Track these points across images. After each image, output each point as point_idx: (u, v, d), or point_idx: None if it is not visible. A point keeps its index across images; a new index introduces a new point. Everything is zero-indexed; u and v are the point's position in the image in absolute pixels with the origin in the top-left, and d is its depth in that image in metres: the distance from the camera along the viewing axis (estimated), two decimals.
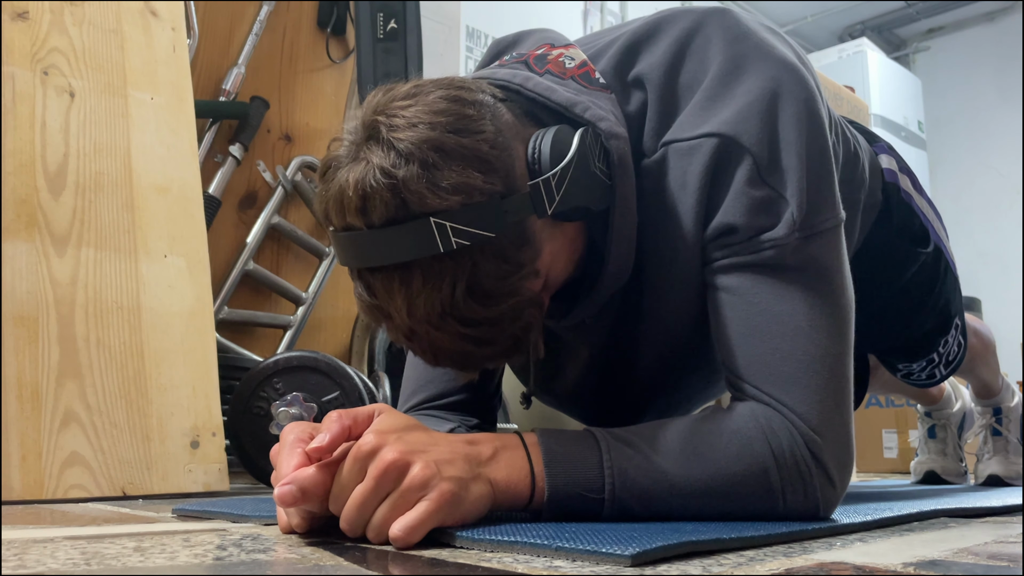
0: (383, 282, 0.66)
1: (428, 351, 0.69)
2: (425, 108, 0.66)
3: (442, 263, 0.64)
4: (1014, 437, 1.56)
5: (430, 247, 0.63)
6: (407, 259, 0.64)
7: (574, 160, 0.70)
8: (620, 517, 0.68)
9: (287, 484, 0.62)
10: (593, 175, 0.72)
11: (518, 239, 0.68)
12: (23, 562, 0.55)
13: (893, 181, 1.04)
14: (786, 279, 0.73)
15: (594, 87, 0.78)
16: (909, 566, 0.55)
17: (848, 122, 1.03)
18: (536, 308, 0.71)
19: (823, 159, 0.75)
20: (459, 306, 0.65)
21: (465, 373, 0.75)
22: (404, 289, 0.65)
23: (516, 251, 0.67)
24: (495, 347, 0.69)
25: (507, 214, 0.66)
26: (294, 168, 2.00)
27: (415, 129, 0.64)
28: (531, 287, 0.70)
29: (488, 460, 0.66)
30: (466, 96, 0.68)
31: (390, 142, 0.64)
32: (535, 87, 0.76)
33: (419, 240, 0.63)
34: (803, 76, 0.77)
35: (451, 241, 0.63)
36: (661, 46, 0.79)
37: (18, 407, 1.14)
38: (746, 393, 0.73)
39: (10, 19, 1.28)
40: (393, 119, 0.65)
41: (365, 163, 0.64)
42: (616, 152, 0.74)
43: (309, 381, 1.45)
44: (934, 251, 1.06)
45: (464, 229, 0.63)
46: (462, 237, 0.63)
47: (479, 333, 0.67)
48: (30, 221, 1.22)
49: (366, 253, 0.65)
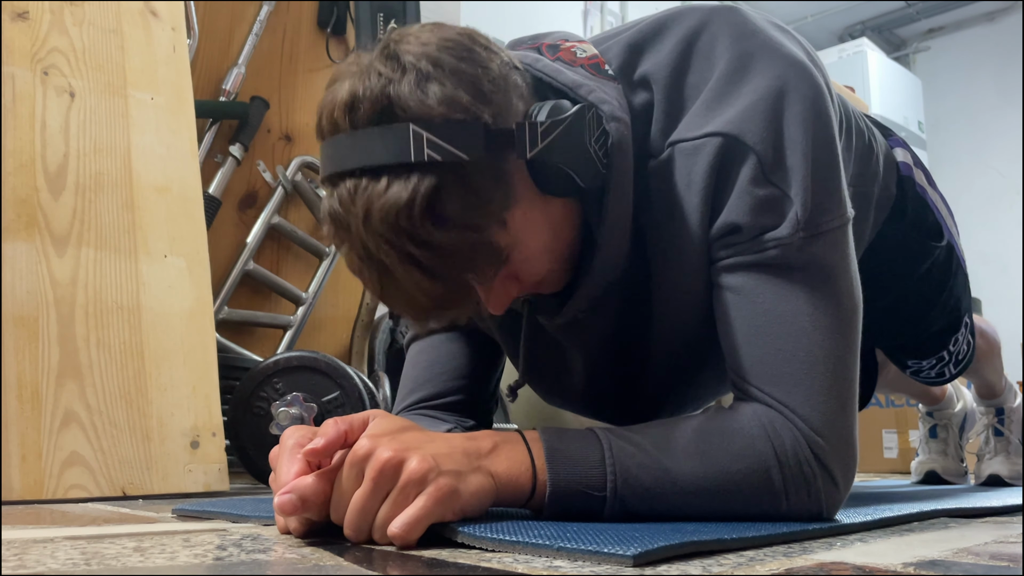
0: (351, 187, 0.66)
1: (377, 278, 0.68)
2: (439, 36, 0.69)
3: (410, 173, 0.64)
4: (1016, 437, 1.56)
5: (403, 153, 0.64)
6: (380, 162, 0.64)
7: (567, 122, 0.70)
8: (622, 515, 0.67)
9: (287, 493, 0.62)
10: (585, 149, 0.72)
11: (491, 173, 0.67)
12: (23, 562, 0.54)
13: (908, 175, 1.03)
14: (790, 279, 0.72)
15: (603, 76, 0.78)
16: (909, 566, 0.55)
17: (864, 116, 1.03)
18: (493, 262, 0.69)
19: (829, 158, 0.75)
20: (415, 221, 0.64)
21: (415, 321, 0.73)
22: (368, 193, 0.65)
23: (486, 185, 0.67)
24: (442, 286, 0.67)
25: (486, 143, 0.66)
26: (294, 168, 2.00)
27: (423, 47, 0.67)
28: (495, 236, 0.68)
29: (488, 453, 0.65)
30: (480, 40, 0.71)
31: (396, 55, 0.67)
32: (544, 67, 0.77)
33: (395, 145, 0.64)
34: (811, 73, 0.76)
35: (424, 152, 0.64)
36: (667, 45, 0.79)
37: (18, 407, 1.14)
38: (749, 394, 0.73)
39: (10, 19, 1.28)
40: (406, 39, 0.68)
41: (367, 74, 0.67)
42: (615, 135, 0.74)
43: (309, 381, 1.45)
44: (946, 247, 1.05)
45: (439, 143, 0.64)
46: (435, 151, 0.64)
47: (429, 261, 0.65)
48: (30, 221, 1.22)
49: (345, 156, 0.66)
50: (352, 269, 0.70)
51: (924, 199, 1.04)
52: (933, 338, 1.11)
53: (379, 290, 0.70)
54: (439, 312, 0.71)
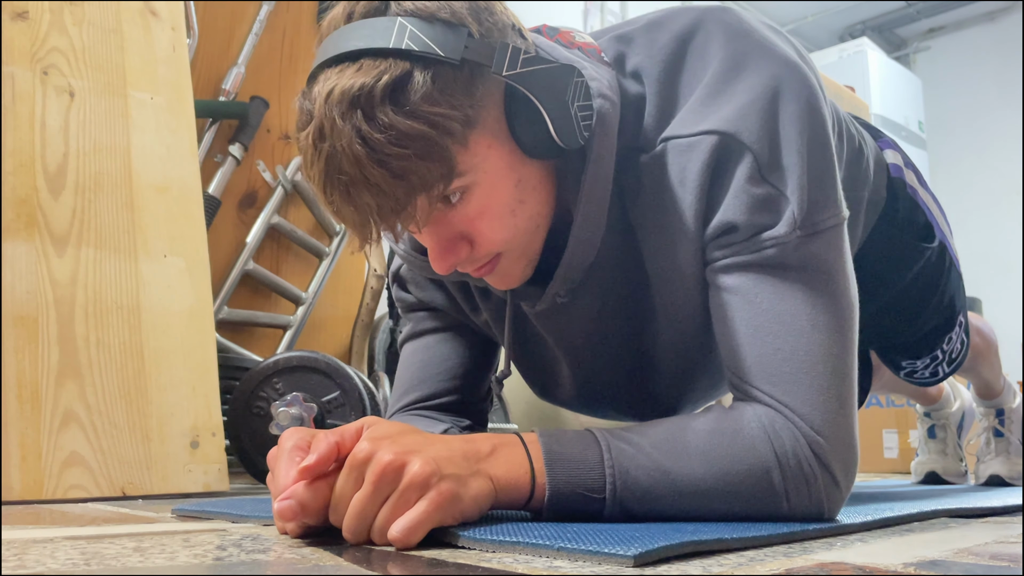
0: (328, 73, 0.67)
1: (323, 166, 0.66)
2: None
3: (384, 58, 0.66)
4: (1016, 438, 1.56)
5: (383, 40, 0.66)
6: (359, 46, 0.66)
7: (552, 68, 0.70)
8: (621, 517, 0.67)
9: (286, 499, 0.62)
10: (565, 106, 0.71)
11: (464, 80, 0.67)
12: (23, 562, 0.54)
13: (899, 176, 1.03)
14: (787, 278, 0.72)
15: (598, 61, 0.79)
16: (909, 566, 0.55)
17: (853, 118, 1.03)
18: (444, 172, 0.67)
19: (825, 157, 0.75)
20: (375, 101, 0.64)
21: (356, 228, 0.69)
22: (339, 74, 0.66)
23: (455, 89, 0.67)
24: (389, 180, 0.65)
25: (465, 50, 0.67)
26: (294, 168, 2.00)
27: None
28: (451, 147, 0.67)
29: (487, 456, 0.65)
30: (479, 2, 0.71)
31: None
32: (540, 43, 0.77)
33: (380, 33, 0.66)
34: (804, 74, 0.76)
35: (404, 41, 0.66)
36: (661, 41, 0.79)
37: (18, 407, 1.14)
38: (748, 394, 0.73)
39: (10, 19, 1.28)
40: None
41: None
42: (600, 109, 0.74)
43: (309, 381, 1.45)
44: (938, 247, 1.06)
45: (419, 36, 0.66)
46: (414, 42, 0.66)
47: (378, 144, 0.64)
48: (30, 221, 1.22)
49: (332, 44, 0.68)
50: (304, 168, 0.70)
51: (915, 200, 1.05)
52: (926, 337, 1.11)
53: (323, 184, 0.67)
54: (381, 218, 0.68)
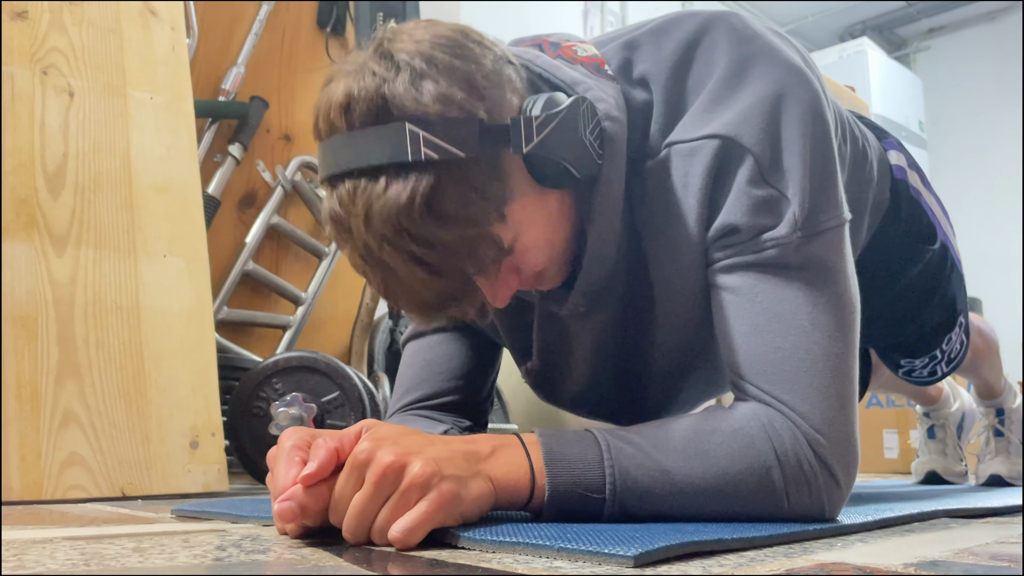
0: (351, 188, 0.66)
1: (381, 277, 0.69)
2: (432, 33, 0.69)
3: (408, 172, 0.64)
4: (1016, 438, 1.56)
5: (400, 153, 0.64)
6: (378, 162, 0.65)
7: (562, 115, 0.70)
8: (621, 517, 0.67)
9: (286, 500, 0.62)
10: (580, 141, 0.72)
11: (488, 169, 0.67)
12: (23, 562, 0.54)
13: (902, 178, 1.04)
14: (788, 278, 0.73)
15: (602, 76, 0.79)
16: (910, 566, 0.55)
17: (857, 118, 1.03)
18: (495, 256, 0.69)
19: (827, 160, 0.75)
20: (415, 220, 0.64)
21: (421, 318, 0.73)
22: (367, 194, 0.65)
23: (484, 181, 0.67)
24: (445, 281, 0.68)
25: (482, 139, 0.66)
26: (293, 168, 2.00)
27: (416, 44, 0.67)
28: (495, 230, 0.69)
29: (487, 458, 0.65)
30: (473, 36, 0.71)
31: (390, 53, 0.67)
32: (543, 64, 0.77)
33: (392, 145, 0.64)
34: (808, 79, 0.77)
35: (421, 151, 0.64)
36: (668, 47, 0.80)
37: (17, 407, 1.14)
38: (748, 393, 0.73)
39: (10, 19, 1.28)
40: (400, 36, 0.69)
41: (362, 73, 0.67)
42: (609, 131, 0.74)
43: (309, 381, 1.45)
44: (940, 248, 1.06)
45: (436, 141, 0.64)
46: (432, 149, 0.64)
47: (431, 258, 0.66)
48: (29, 221, 1.22)
49: (343, 157, 0.66)
50: (356, 269, 0.71)
51: (918, 201, 1.05)
52: (926, 337, 1.12)
53: (383, 289, 0.70)
54: (443, 308, 0.71)
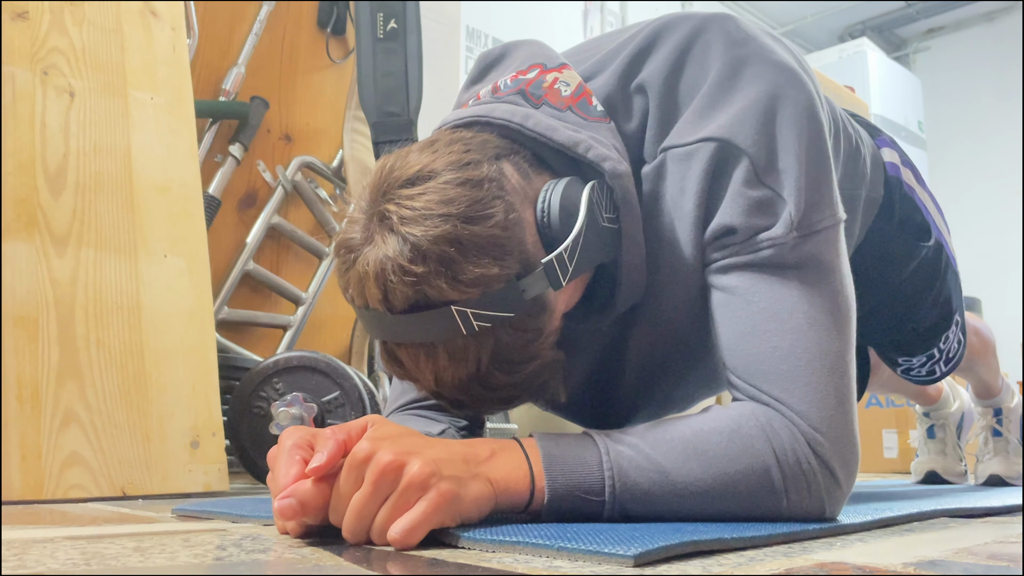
0: (409, 355, 0.69)
1: (454, 405, 0.73)
2: (435, 198, 0.65)
3: (465, 341, 0.66)
4: (1014, 437, 1.56)
5: (453, 331, 0.66)
6: (431, 340, 0.67)
7: (583, 227, 0.71)
8: (620, 518, 0.67)
9: (287, 498, 0.62)
10: (603, 231, 0.74)
11: (536, 311, 0.69)
12: (23, 562, 0.54)
13: (895, 175, 1.04)
14: (785, 278, 0.73)
15: (592, 117, 0.78)
16: (909, 566, 0.55)
17: (850, 115, 1.03)
18: (556, 359, 0.73)
19: (821, 160, 0.76)
20: (484, 378, 0.68)
21: None
22: (431, 364, 0.68)
23: (535, 320, 0.69)
24: (519, 400, 0.73)
25: (524, 292, 0.68)
26: (294, 168, 2.00)
27: (428, 222, 0.64)
28: (550, 344, 0.72)
29: (486, 460, 0.65)
30: (474, 175, 0.67)
31: (404, 236, 0.64)
32: (535, 126, 0.75)
33: (442, 325, 0.66)
34: (802, 80, 0.77)
35: (473, 325, 0.66)
36: (662, 53, 0.80)
37: (18, 407, 1.14)
38: (746, 393, 0.73)
39: (10, 19, 1.28)
40: (403, 209, 0.65)
41: (381, 251, 0.65)
42: (620, 192, 0.75)
43: (309, 381, 1.45)
44: (935, 245, 1.06)
45: (484, 313, 0.66)
46: (483, 320, 0.66)
47: (504, 395, 0.71)
48: (30, 221, 1.22)
49: (391, 331, 0.68)
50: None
51: (912, 198, 1.05)
52: (923, 335, 1.12)
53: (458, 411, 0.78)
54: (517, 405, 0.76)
